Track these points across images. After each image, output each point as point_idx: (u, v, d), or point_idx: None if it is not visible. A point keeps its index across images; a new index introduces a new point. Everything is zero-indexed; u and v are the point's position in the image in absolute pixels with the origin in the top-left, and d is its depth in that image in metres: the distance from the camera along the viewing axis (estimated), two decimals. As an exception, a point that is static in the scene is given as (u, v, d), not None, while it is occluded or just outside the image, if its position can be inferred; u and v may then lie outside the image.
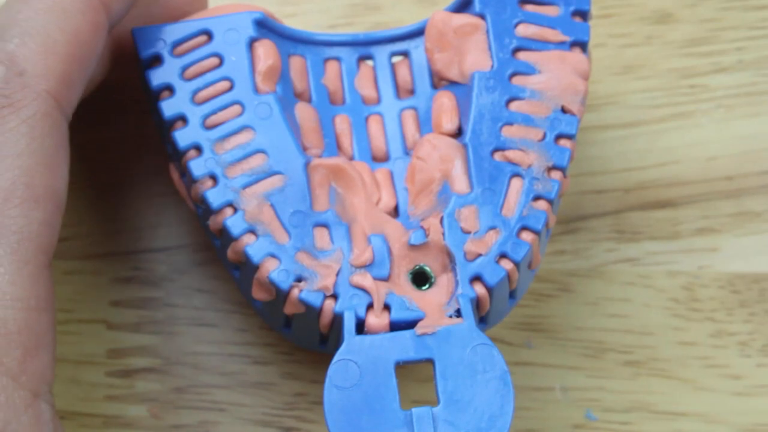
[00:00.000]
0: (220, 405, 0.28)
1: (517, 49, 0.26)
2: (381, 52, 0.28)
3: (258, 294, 0.25)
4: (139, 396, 0.28)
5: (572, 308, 0.29)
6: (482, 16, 0.27)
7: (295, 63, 0.28)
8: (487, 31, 0.26)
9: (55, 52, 0.23)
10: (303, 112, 0.27)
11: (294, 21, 0.32)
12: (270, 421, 0.28)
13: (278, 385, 0.28)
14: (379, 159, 0.27)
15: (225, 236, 0.25)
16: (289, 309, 0.24)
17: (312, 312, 0.24)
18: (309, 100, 0.27)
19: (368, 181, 0.26)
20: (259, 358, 0.29)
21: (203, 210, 0.25)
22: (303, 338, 0.26)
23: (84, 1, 0.23)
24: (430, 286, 0.24)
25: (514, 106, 0.25)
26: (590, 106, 0.31)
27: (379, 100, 0.28)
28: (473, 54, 0.26)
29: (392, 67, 0.28)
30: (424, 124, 0.27)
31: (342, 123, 0.27)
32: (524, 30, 0.26)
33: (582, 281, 0.30)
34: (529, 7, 0.26)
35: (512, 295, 0.26)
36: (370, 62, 0.28)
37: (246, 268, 0.25)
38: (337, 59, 0.28)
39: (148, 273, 0.29)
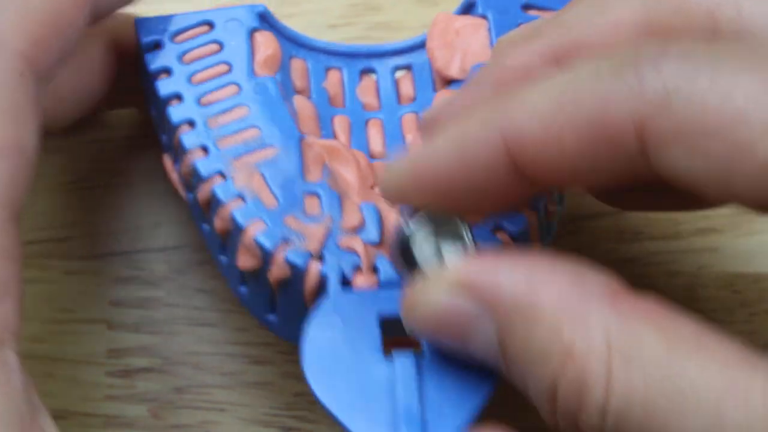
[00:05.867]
0: (220, 405, 0.28)
1: None
2: (384, 66, 0.28)
3: (243, 261, 0.24)
4: (140, 396, 0.28)
5: (572, 308, 0.29)
6: (485, 17, 0.27)
7: (297, 64, 0.27)
8: (489, 29, 0.26)
9: (32, 16, 0.23)
10: (301, 103, 0.26)
11: (294, 21, 0.32)
12: (270, 421, 0.28)
13: (278, 385, 0.28)
14: (377, 158, 0.27)
15: (213, 205, 0.24)
16: (275, 273, 0.23)
17: (298, 277, 0.23)
18: (308, 98, 0.27)
19: (364, 164, 0.26)
20: (259, 358, 0.29)
21: (195, 182, 0.25)
22: (289, 323, 0.25)
23: None
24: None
25: None
26: (590, 106, 0.31)
27: (380, 108, 0.28)
28: (474, 48, 0.26)
29: (395, 80, 0.28)
30: None
31: (341, 122, 0.27)
32: None
33: (582, 281, 0.30)
34: (532, 12, 0.26)
35: None
36: (373, 75, 0.28)
37: (233, 238, 0.24)
38: (339, 69, 0.28)
39: (148, 273, 0.29)
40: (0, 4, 0.23)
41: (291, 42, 0.28)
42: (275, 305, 0.25)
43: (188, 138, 0.25)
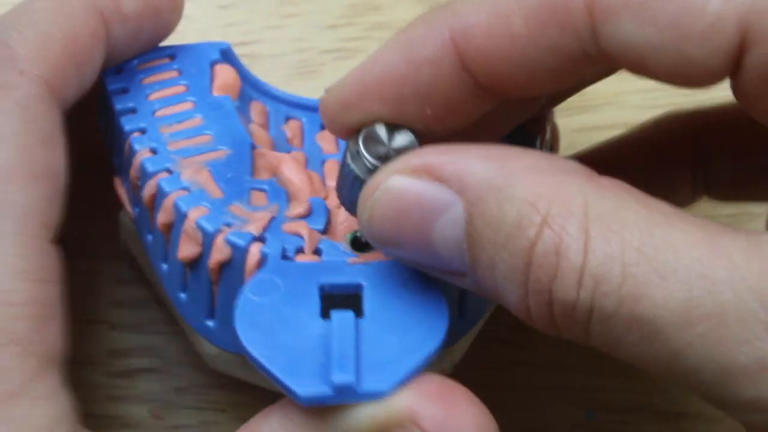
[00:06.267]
0: (220, 405, 0.28)
1: None
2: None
3: (184, 250, 0.23)
4: (140, 396, 0.28)
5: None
6: None
7: (256, 106, 0.27)
8: None
9: (51, 45, 0.23)
10: (257, 130, 0.26)
11: (294, 21, 0.32)
12: (270, 421, 0.28)
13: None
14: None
15: (158, 199, 0.24)
16: (215, 256, 0.22)
17: (238, 260, 0.22)
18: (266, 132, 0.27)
19: (316, 181, 0.25)
20: (260, 358, 0.29)
21: (141, 184, 0.24)
22: (229, 324, 0.23)
23: (86, 12, 0.24)
24: (370, 250, 0.23)
25: None
26: (590, 106, 0.31)
27: (339, 152, 0.27)
28: None
29: None
30: None
31: (296, 156, 0.27)
32: None
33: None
34: None
35: None
36: None
37: (175, 229, 0.23)
38: (299, 119, 0.28)
39: (148, 273, 0.29)
40: (20, 32, 0.23)
41: (253, 87, 0.28)
42: (215, 308, 0.24)
43: (138, 141, 0.25)
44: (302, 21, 0.32)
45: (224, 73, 0.26)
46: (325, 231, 0.23)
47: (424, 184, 0.19)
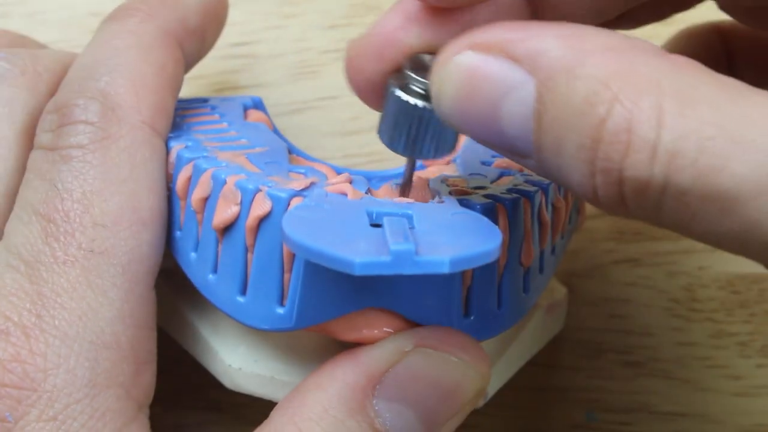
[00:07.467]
0: (220, 405, 0.28)
1: None
2: (378, 182, 0.27)
3: (221, 213, 0.22)
4: (139, 396, 0.28)
5: (572, 308, 0.29)
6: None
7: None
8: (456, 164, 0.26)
9: (145, 84, 0.24)
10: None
11: (294, 21, 0.32)
12: (270, 421, 0.28)
13: (278, 385, 0.28)
14: None
15: (193, 178, 0.23)
16: (254, 212, 0.22)
17: (278, 215, 0.22)
18: None
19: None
20: (259, 358, 0.29)
21: (175, 173, 0.24)
22: (262, 297, 0.22)
23: (163, 38, 0.25)
24: None
25: None
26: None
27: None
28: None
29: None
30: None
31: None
32: None
33: (582, 281, 0.30)
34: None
35: (525, 286, 0.24)
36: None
37: (211, 200, 0.23)
38: None
39: (148, 273, 0.29)
40: (112, 77, 0.23)
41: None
42: (247, 281, 0.23)
43: (174, 140, 0.24)
44: (302, 21, 0.32)
45: (257, 115, 0.27)
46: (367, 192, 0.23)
47: (497, 61, 0.19)
